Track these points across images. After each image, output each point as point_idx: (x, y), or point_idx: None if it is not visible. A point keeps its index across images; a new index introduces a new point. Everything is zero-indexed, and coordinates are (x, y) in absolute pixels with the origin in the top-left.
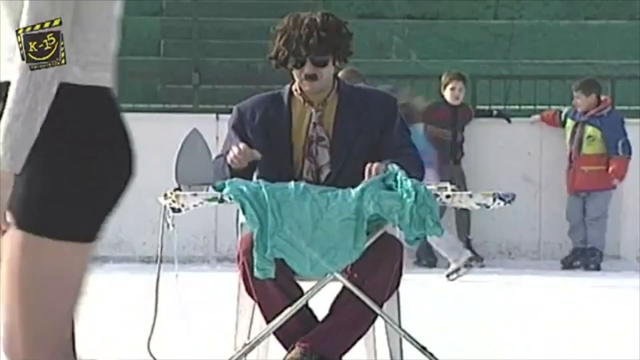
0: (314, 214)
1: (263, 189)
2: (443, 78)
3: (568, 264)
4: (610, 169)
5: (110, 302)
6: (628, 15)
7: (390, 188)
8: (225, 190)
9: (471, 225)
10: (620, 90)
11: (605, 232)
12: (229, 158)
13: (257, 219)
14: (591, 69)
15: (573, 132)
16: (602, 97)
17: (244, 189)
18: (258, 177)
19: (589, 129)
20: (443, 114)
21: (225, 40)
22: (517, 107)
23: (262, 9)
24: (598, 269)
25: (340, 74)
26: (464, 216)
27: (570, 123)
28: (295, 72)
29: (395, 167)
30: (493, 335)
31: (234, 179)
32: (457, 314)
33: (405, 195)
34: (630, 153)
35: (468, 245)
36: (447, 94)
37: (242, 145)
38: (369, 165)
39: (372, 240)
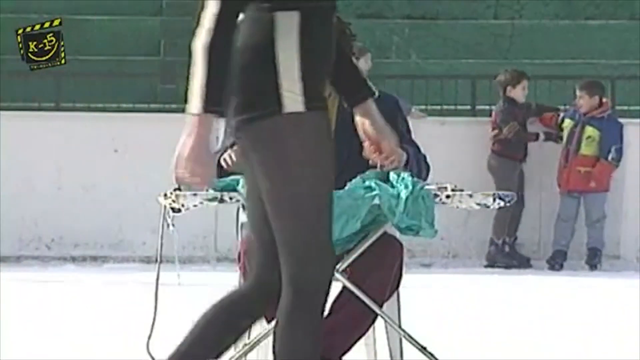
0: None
1: None
2: (511, 77)
3: (551, 266)
4: (594, 170)
5: (110, 302)
6: (628, 15)
7: (392, 186)
8: (221, 184)
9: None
10: (620, 90)
11: (603, 232)
12: (221, 159)
13: None
14: (591, 69)
15: (572, 132)
16: (604, 100)
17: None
18: None
19: (589, 130)
20: (519, 114)
21: None
22: None
23: None
24: (596, 268)
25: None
26: (515, 214)
27: (568, 123)
28: None
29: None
30: (493, 336)
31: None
32: (457, 314)
33: (402, 187)
34: (619, 161)
35: (513, 243)
36: (519, 93)
37: (235, 153)
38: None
39: (372, 240)
